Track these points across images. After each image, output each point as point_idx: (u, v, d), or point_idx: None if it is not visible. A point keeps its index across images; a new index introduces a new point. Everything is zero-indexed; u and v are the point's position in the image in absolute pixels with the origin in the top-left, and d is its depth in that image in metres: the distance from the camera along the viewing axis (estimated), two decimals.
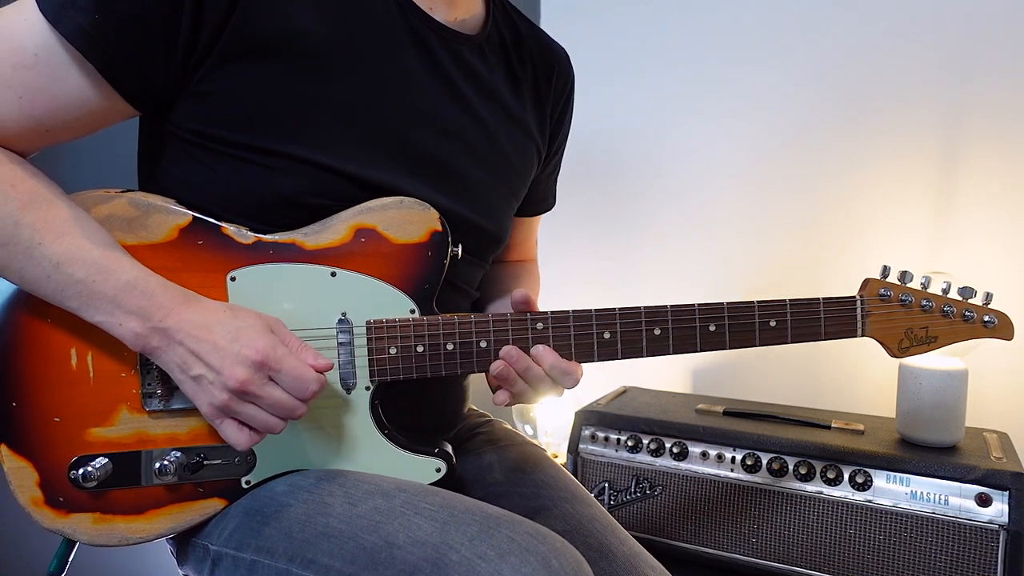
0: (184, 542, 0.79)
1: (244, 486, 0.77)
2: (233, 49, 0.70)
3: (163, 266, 0.72)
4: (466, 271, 0.89)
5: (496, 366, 0.79)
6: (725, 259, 1.79)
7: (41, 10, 0.66)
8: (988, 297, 0.88)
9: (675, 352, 0.82)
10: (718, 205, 1.80)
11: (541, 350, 0.79)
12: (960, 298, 0.87)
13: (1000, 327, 0.88)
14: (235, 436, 0.69)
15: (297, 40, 0.72)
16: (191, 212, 0.74)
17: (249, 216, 0.76)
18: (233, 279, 0.75)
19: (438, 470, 0.80)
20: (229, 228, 0.75)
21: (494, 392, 0.82)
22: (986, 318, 0.87)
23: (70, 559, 0.82)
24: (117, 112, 0.72)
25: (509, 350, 0.79)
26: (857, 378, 1.64)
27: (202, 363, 0.67)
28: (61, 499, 0.73)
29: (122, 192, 0.74)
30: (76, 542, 0.78)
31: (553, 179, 1.09)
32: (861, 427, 1.36)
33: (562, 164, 1.11)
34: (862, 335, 0.85)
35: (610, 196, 1.93)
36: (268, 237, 0.75)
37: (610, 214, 1.94)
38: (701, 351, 0.83)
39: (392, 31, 0.78)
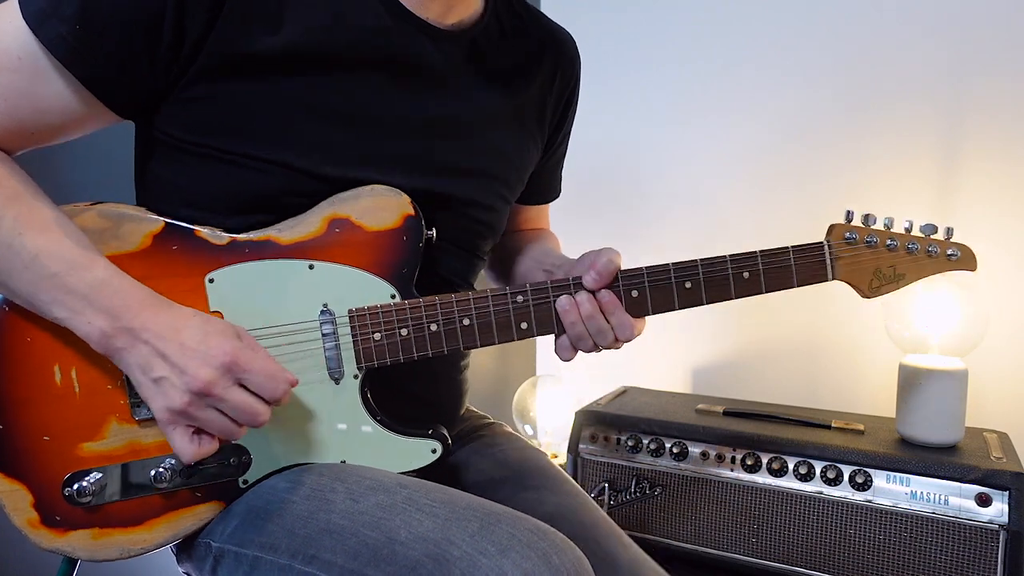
0: (185, 541, 0.79)
1: (241, 486, 0.77)
2: (215, 61, 0.71)
3: (140, 275, 0.70)
4: (458, 265, 0.89)
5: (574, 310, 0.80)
6: None
7: (24, 16, 0.66)
8: (949, 232, 0.90)
9: (654, 312, 0.83)
10: (717, 205, 1.80)
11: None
12: (923, 235, 0.88)
13: (963, 259, 0.89)
14: (184, 446, 0.67)
15: (283, 53, 0.72)
16: (163, 218, 0.74)
17: (238, 216, 0.76)
18: (211, 281, 0.74)
19: (434, 451, 0.80)
20: (203, 231, 0.75)
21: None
22: (949, 251, 0.89)
23: None
24: (101, 118, 0.72)
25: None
26: (857, 378, 1.64)
27: (167, 364, 0.65)
28: (58, 518, 0.72)
29: (91, 204, 0.73)
30: (78, 561, 0.77)
31: (558, 168, 1.09)
32: (861, 427, 1.35)
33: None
34: (832, 279, 0.87)
35: (609, 196, 1.93)
36: (242, 236, 0.75)
37: (608, 213, 1.94)
38: (680, 309, 0.83)
39: (381, 37, 0.78)
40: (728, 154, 1.78)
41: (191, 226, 0.75)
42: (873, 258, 0.87)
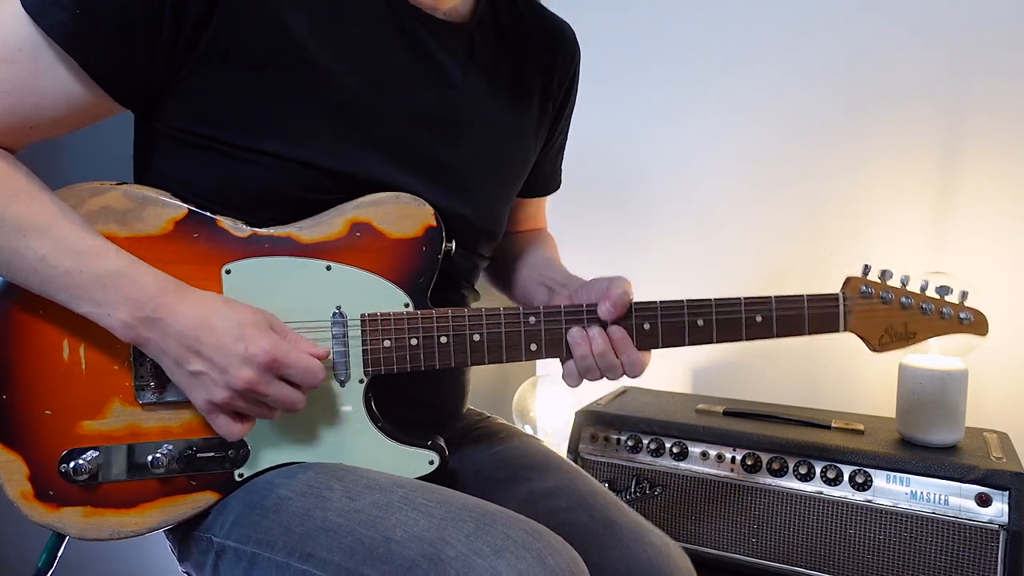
0: (186, 536, 0.79)
1: (237, 479, 0.77)
2: (214, 52, 0.71)
3: (158, 258, 0.72)
4: (461, 265, 0.89)
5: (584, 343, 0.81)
6: (724, 260, 1.79)
7: (23, 5, 0.66)
8: (963, 295, 0.91)
9: (664, 346, 0.84)
10: (717, 206, 1.80)
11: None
12: (937, 296, 0.89)
13: (975, 324, 0.90)
14: (229, 428, 0.70)
15: (281, 44, 0.73)
16: (186, 205, 0.74)
17: (238, 210, 0.76)
18: (228, 272, 0.75)
19: (431, 462, 0.81)
20: (224, 221, 0.75)
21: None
22: (962, 315, 0.90)
23: (59, 554, 0.81)
24: (102, 108, 0.72)
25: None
26: (857, 378, 1.64)
27: (203, 359, 0.67)
28: (51, 493, 0.73)
29: (117, 184, 0.74)
30: (66, 537, 0.77)
31: (558, 159, 1.09)
32: (861, 427, 1.35)
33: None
34: (844, 331, 0.88)
35: (608, 197, 1.93)
36: (264, 230, 0.76)
37: (608, 216, 1.94)
38: (689, 345, 0.84)
39: (379, 28, 0.78)
40: (728, 154, 1.77)
41: (213, 216, 0.75)
42: (886, 315, 0.88)
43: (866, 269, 0.88)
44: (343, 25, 0.76)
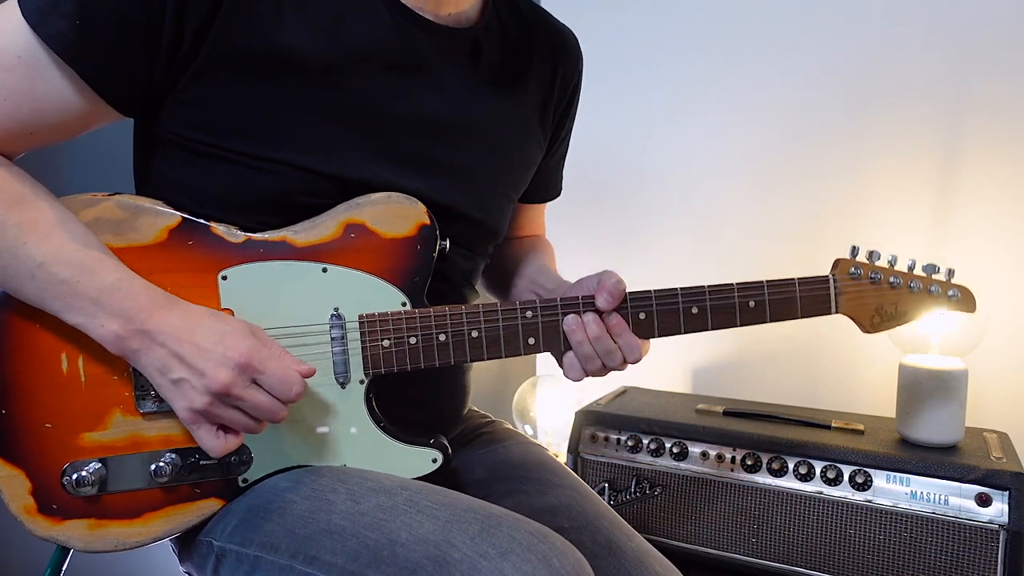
0: (187, 540, 0.79)
1: (241, 484, 0.77)
2: (214, 60, 0.71)
3: (154, 267, 0.71)
4: (461, 266, 0.89)
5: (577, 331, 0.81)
6: (724, 261, 1.79)
7: (23, 14, 0.66)
8: (951, 273, 0.92)
9: (660, 335, 0.84)
10: (717, 206, 1.80)
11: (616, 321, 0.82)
12: (925, 274, 0.91)
13: (963, 300, 0.92)
14: (211, 442, 0.69)
15: (280, 52, 0.73)
16: (180, 213, 0.74)
17: (240, 216, 0.76)
18: (224, 278, 0.75)
19: (434, 460, 0.81)
20: (219, 227, 0.75)
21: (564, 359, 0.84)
22: (950, 292, 0.91)
23: (64, 567, 0.81)
24: (101, 116, 0.72)
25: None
26: (857, 378, 1.64)
27: (184, 365, 0.66)
28: (55, 506, 0.72)
29: (110, 195, 0.73)
30: (70, 550, 0.77)
31: (559, 167, 1.09)
32: (861, 427, 1.35)
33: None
34: (836, 312, 0.89)
35: (608, 197, 1.93)
36: (258, 235, 0.76)
37: (608, 216, 1.94)
38: (685, 333, 0.85)
39: (379, 34, 0.78)
40: (728, 154, 1.77)
41: (207, 222, 0.75)
42: (876, 295, 0.89)
43: (854, 250, 0.89)
44: (342, 32, 0.76)
